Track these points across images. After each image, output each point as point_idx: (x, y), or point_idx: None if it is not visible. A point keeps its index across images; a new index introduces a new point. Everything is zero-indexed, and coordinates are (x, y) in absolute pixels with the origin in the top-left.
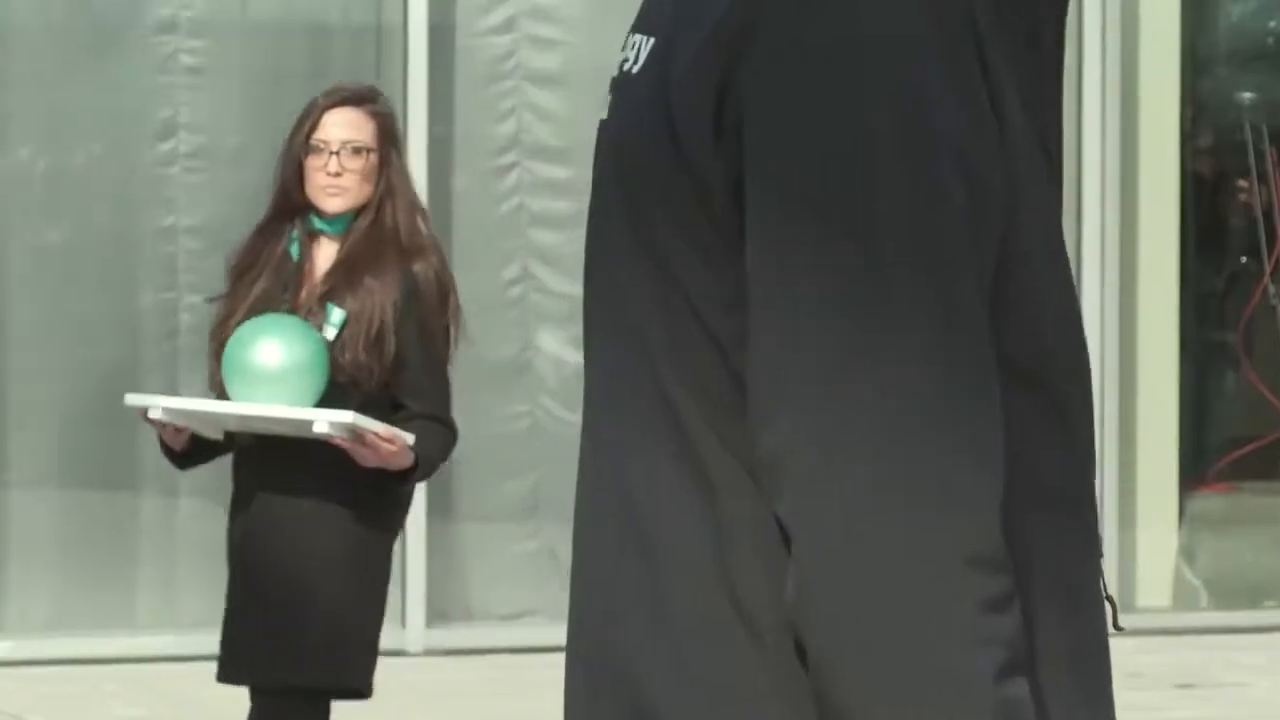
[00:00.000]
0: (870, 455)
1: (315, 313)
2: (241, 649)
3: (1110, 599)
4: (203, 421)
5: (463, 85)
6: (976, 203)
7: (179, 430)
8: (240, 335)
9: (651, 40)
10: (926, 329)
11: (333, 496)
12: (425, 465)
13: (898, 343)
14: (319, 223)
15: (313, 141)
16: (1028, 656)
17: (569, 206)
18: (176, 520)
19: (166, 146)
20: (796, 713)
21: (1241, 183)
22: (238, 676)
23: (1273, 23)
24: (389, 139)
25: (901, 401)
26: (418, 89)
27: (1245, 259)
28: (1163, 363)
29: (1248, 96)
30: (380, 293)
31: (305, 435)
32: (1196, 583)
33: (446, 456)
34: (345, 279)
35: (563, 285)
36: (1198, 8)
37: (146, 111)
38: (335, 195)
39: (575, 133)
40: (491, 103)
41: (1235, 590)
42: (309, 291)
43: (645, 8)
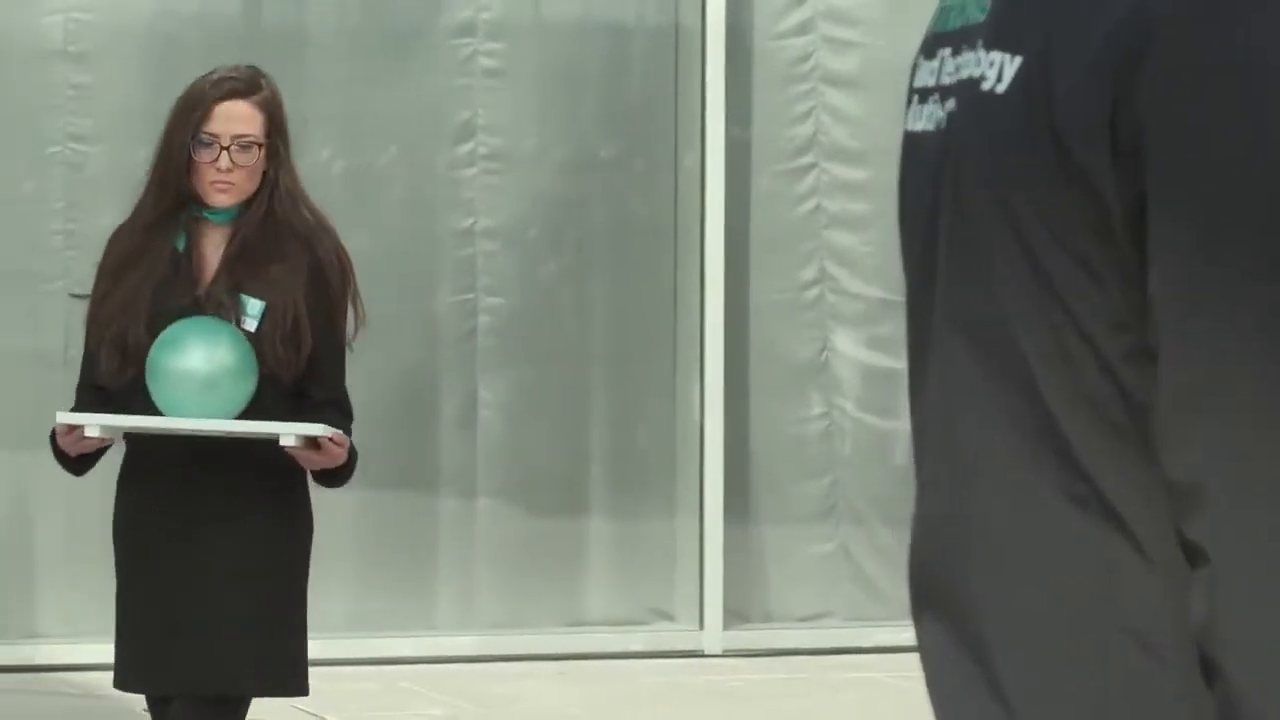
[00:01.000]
0: None
1: (227, 306)
2: (173, 657)
3: None
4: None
5: (760, 87)
6: None
7: (85, 439)
8: (168, 340)
9: (1018, 59)
10: None
11: (257, 496)
12: (354, 460)
13: None
14: (205, 212)
15: (202, 135)
16: None
17: (866, 208)
18: (475, 521)
19: (465, 149)
20: None
21: None
22: (162, 686)
23: None
24: (276, 128)
25: None
26: (716, 91)
27: None
28: None
29: None
30: (289, 282)
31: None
32: None
33: None
34: (250, 270)
35: (859, 286)
36: None
37: (444, 114)
38: (224, 191)
39: (873, 135)
40: (789, 105)
41: None
42: (212, 283)
43: (1000, 25)
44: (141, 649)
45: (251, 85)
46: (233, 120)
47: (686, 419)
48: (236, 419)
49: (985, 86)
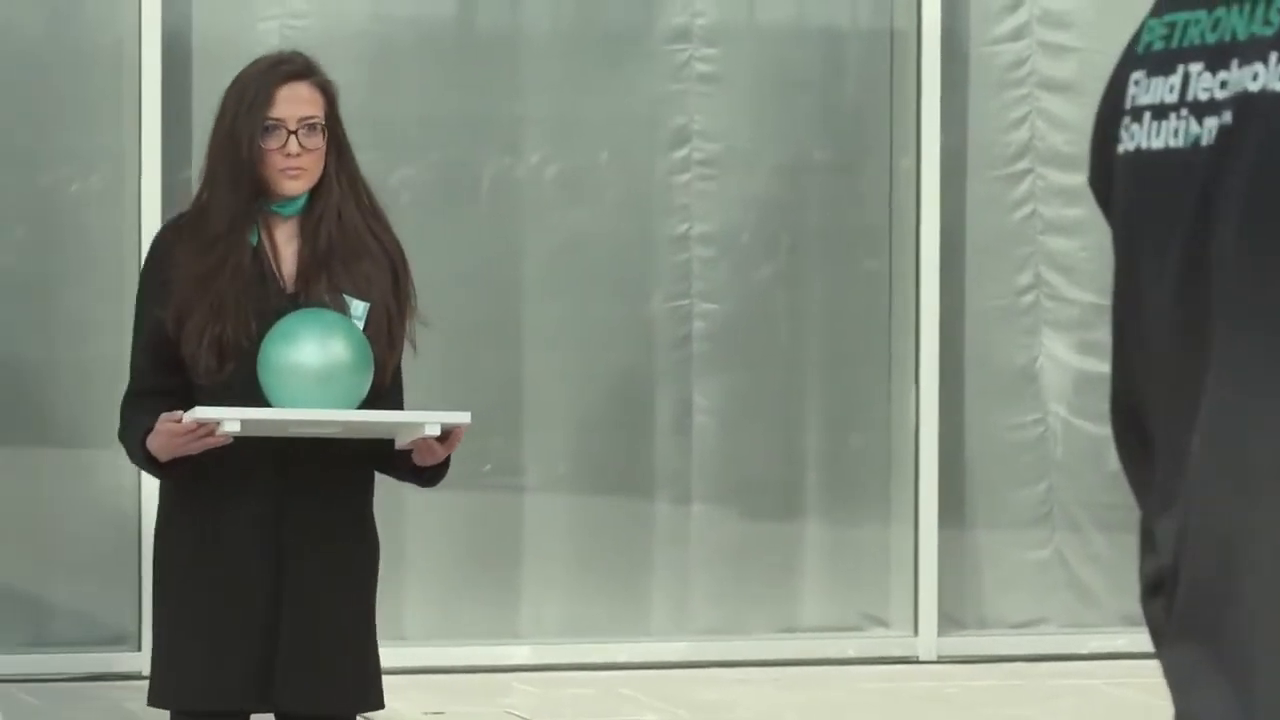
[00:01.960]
0: None
1: (330, 307)
2: (277, 677)
3: None
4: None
5: (975, 92)
6: None
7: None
8: (282, 333)
9: None
10: None
11: (344, 513)
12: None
13: None
14: (274, 205)
15: (266, 121)
16: None
17: (1082, 213)
18: (690, 525)
19: (679, 154)
20: None
21: None
22: (265, 704)
23: None
24: (335, 110)
25: None
26: (931, 96)
27: None
28: None
29: None
30: (379, 278)
31: (379, 435)
32: None
33: None
34: (344, 268)
35: (1075, 292)
36: None
37: (659, 119)
38: (295, 177)
39: (1089, 140)
40: (1004, 110)
41: None
42: (308, 283)
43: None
44: (236, 667)
45: (308, 66)
46: (296, 103)
47: (901, 424)
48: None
49: (1265, 87)
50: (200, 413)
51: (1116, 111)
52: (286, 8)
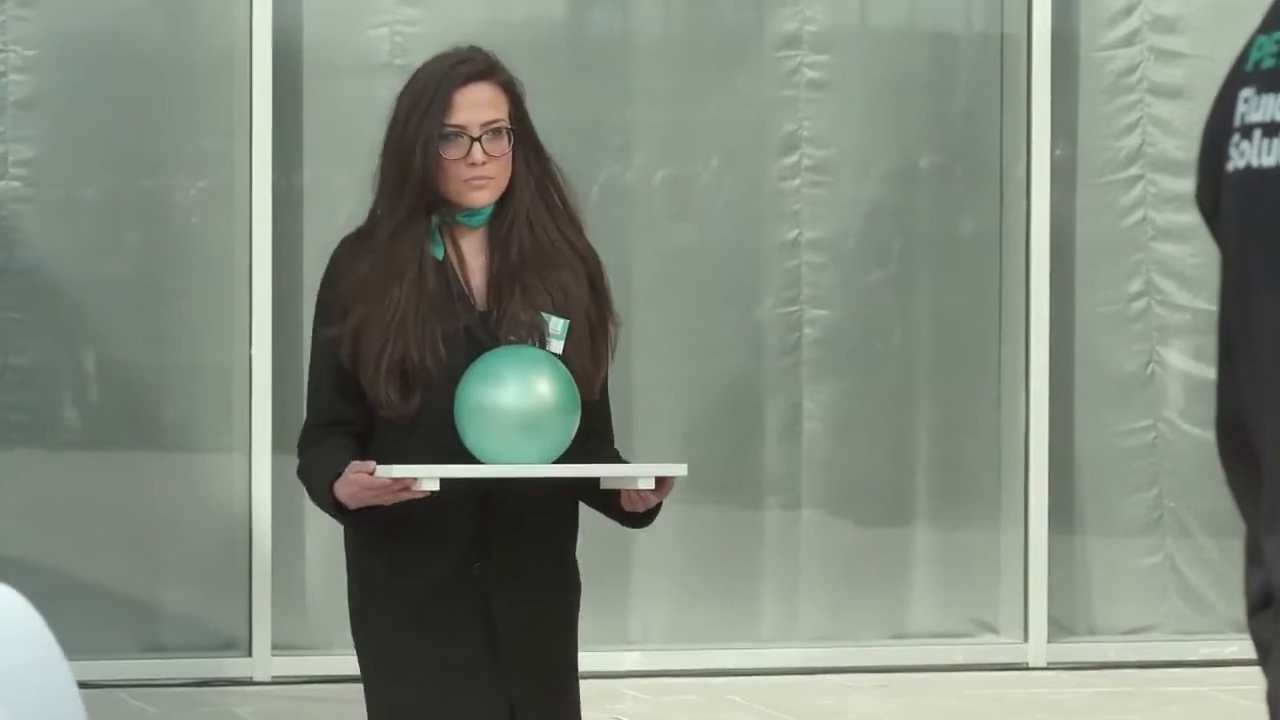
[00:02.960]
0: None
1: (526, 325)
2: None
3: None
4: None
5: (1086, 97)
6: None
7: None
8: (481, 374)
9: None
10: None
11: (550, 557)
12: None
13: None
14: (458, 216)
15: (446, 129)
16: None
17: (1193, 219)
18: (799, 533)
19: (789, 160)
20: None
21: None
22: None
23: None
24: (522, 109)
25: None
26: (1041, 102)
27: None
28: None
29: None
30: (578, 289)
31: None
32: None
33: None
34: (539, 280)
35: (1187, 298)
36: None
37: (768, 125)
38: (481, 188)
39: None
40: (1115, 116)
41: None
42: (500, 298)
43: None
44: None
45: (491, 65)
46: (478, 107)
47: (1011, 430)
48: (557, 461)
49: None
50: (396, 471)
51: (1226, 128)
52: (397, 14)
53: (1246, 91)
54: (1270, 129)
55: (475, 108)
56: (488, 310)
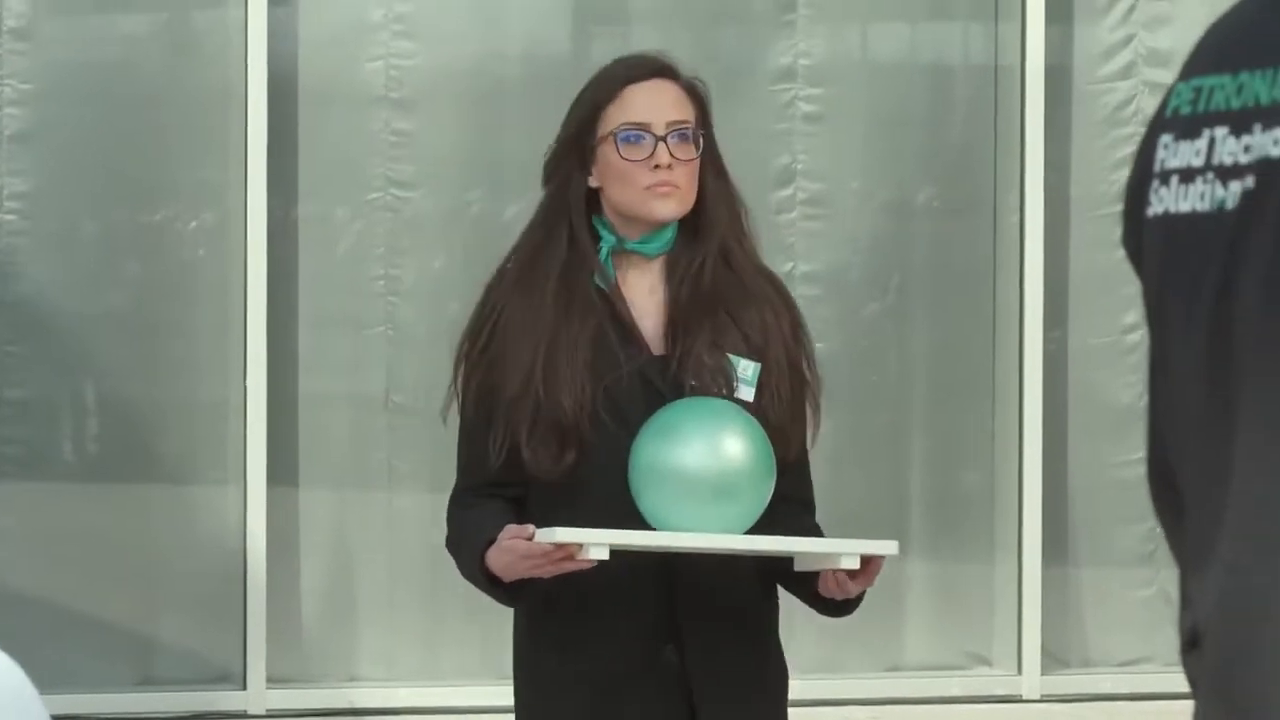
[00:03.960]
0: None
1: (711, 369)
2: None
3: None
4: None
5: (1080, 130)
6: None
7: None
8: (661, 429)
9: None
10: None
11: (743, 633)
12: None
13: None
14: (633, 243)
15: (623, 129)
16: None
17: None
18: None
19: (784, 193)
20: None
21: None
22: None
23: None
24: (708, 119)
25: None
26: (1035, 134)
27: None
28: None
29: None
30: (776, 328)
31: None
32: None
33: None
34: (732, 318)
35: None
36: None
37: (764, 158)
38: (667, 195)
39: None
40: (1110, 149)
41: None
42: (679, 337)
43: None
44: None
45: (674, 65)
46: (663, 104)
47: (1005, 462)
48: (749, 531)
49: None
50: (559, 534)
51: (1147, 175)
52: (393, 47)
53: (1165, 138)
54: (1186, 175)
55: (659, 106)
56: (665, 355)
